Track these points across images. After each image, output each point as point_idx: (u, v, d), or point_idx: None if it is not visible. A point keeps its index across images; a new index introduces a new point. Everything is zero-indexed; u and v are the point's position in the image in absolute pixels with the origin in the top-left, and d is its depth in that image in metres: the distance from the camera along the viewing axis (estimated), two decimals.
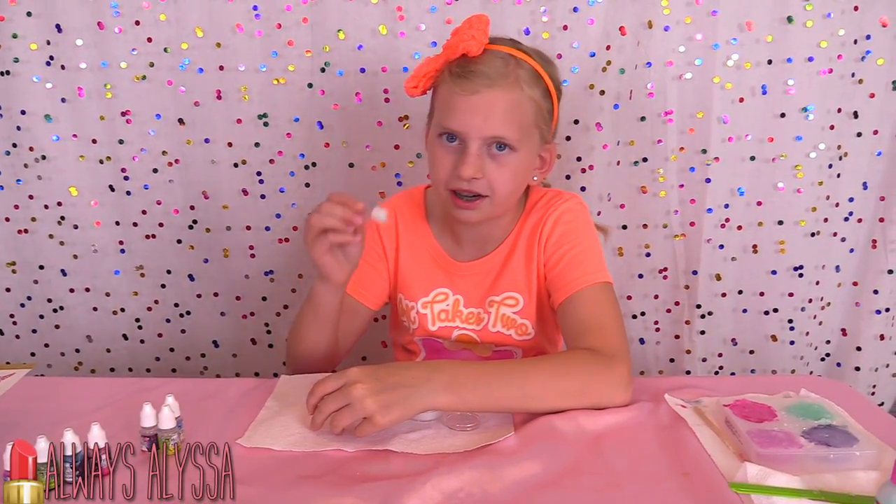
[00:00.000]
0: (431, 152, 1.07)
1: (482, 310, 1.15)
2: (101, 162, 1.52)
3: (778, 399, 0.98)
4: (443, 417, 0.95)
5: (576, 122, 1.47)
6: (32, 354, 1.67)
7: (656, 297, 1.59)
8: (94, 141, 1.51)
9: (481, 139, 1.00)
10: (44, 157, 1.51)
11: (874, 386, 1.63)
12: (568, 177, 1.50)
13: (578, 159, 1.48)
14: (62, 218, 1.56)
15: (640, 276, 1.58)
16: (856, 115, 1.47)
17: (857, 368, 1.61)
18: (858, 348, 1.60)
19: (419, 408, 0.87)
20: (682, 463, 0.83)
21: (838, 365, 1.64)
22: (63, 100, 1.48)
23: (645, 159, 1.50)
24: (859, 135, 1.48)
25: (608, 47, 1.43)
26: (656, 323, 1.61)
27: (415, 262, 1.18)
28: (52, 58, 1.46)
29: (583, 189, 1.50)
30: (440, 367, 0.90)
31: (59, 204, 1.55)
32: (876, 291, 1.56)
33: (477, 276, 1.15)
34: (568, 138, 1.48)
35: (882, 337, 1.59)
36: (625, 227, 1.55)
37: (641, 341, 1.62)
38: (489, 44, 1.02)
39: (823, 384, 1.06)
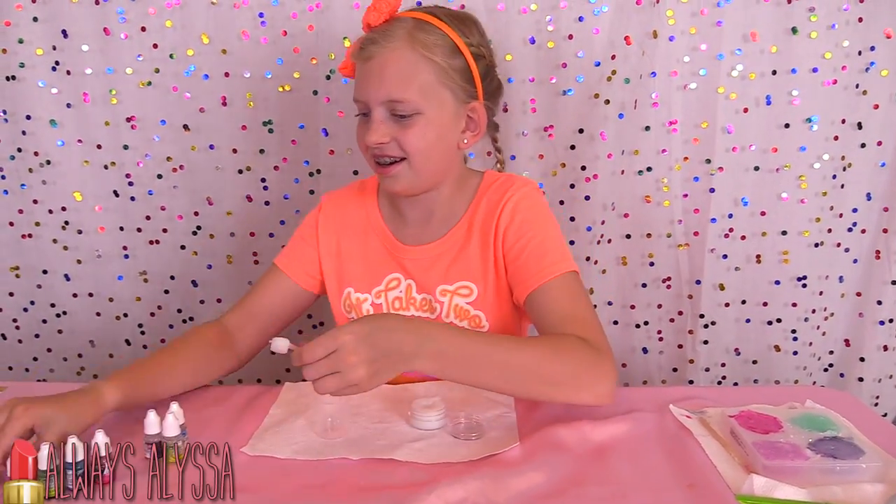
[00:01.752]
0: (357, 130, 1.08)
1: (434, 297, 1.11)
2: (106, 167, 1.52)
3: (783, 410, 0.98)
4: (447, 426, 0.95)
5: (580, 131, 1.47)
6: (35, 359, 1.66)
7: (660, 306, 1.59)
8: (98, 146, 1.51)
9: (381, 104, 1.01)
10: (48, 162, 1.51)
11: (877, 397, 1.62)
12: (572, 185, 1.50)
13: (583, 168, 1.48)
14: (66, 223, 1.56)
15: (644, 285, 1.57)
16: (860, 125, 1.46)
17: (861, 379, 1.60)
18: (862, 359, 1.59)
19: (401, 370, 0.84)
20: (688, 474, 0.83)
21: (841, 375, 1.63)
22: (68, 105, 1.48)
23: (649, 169, 1.49)
24: (863, 146, 1.48)
25: (613, 57, 1.43)
26: (659, 332, 1.61)
27: (364, 252, 1.16)
28: (57, 63, 1.46)
29: (587, 198, 1.50)
30: (432, 336, 0.87)
31: (64, 209, 1.55)
32: (880, 302, 1.56)
33: (427, 260, 1.12)
34: (572, 147, 1.48)
35: (885, 348, 1.58)
36: (628, 236, 1.55)
37: (644, 350, 1.62)
38: (398, 13, 1.04)
39: (828, 395, 1.06)
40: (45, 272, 1.59)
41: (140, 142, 1.51)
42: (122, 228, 1.57)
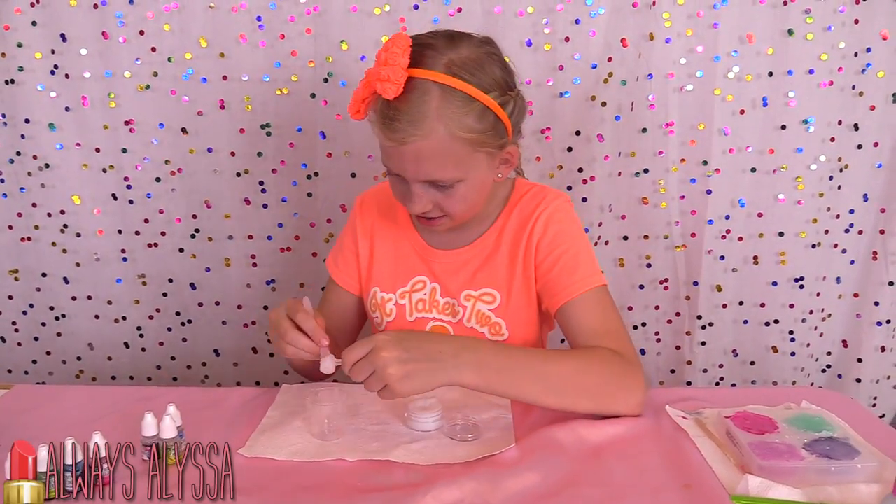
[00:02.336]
0: (389, 178, 1.05)
1: (457, 301, 1.12)
2: (105, 171, 1.53)
3: (779, 411, 0.98)
4: (444, 427, 0.95)
5: (577, 133, 1.47)
6: (34, 362, 1.67)
7: (657, 307, 1.59)
8: (97, 150, 1.51)
9: (419, 182, 0.99)
10: (47, 166, 1.52)
11: (875, 398, 1.62)
12: (569, 187, 1.50)
13: (580, 170, 1.49)
14: (65, 226, 1.56)
15: (641, 286, 1.58)
16: (856, 127, 1.47)
17: (858, 380, 1.60)
18: (859, 360, 1.60)
19: (443, 382, 0.87)
20: (684, 474, 0.83)
21: (839, 377, 1.63)
22: (67, 108, 1.49)
23: (646, 170, 1.50)
24: (860, 147, 1.49)
25: (610, 59, 1.43)
26: (657, 334, 1.61)
27: (394, 253, 1.16)
28: (56, 67, 1.47)
29: (584, 200, 1.50)
30: (468, 346, 0.91)
31: (62, 212, 1.55)
32: (877, 303, 1.56)
33: (455, 265, 1.12)
34: (569, 149, 1.48)
35: (883, 349, 1.58)
36: (626, 237, 1.55)
37: (642, 352, 1.62)
38: (412, 67, 0.92)
39: (825, 396, 1.06)
40: (44, 275, 1.60)
41: (138, 145, 1.51)
42: (120, 231, 1.57)
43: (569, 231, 1.08)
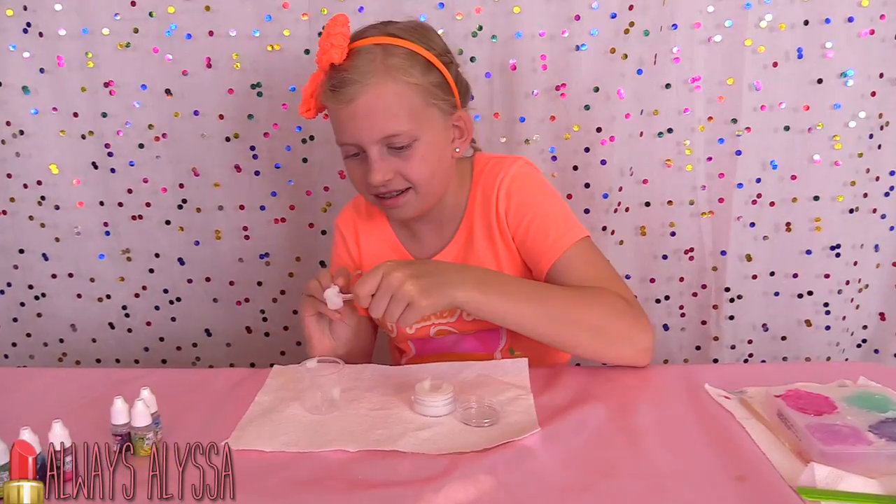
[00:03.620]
0: (346, 169, 1.05)
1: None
2: (83, 137, 1.44)
3: (833, 388, 0.88)
4: (456, 412, 0.84)
5: (596, 89, 1.36)
6: (14, 345, 1.58)
7: (682, 279, 1.49)
8: (75, 114, 1.43)
9: (375, 143, 0.97)
10: (22, 133, 1.44)
11: None
12: (587, 149, 1.39)
13: (598, 130, 1.38)
14: (42, 198, 1.48)
15: (665, 257, 1.47)
16: None
17: None
18: None
19: (450, 298, 0.88)
20: (735, 464, 0.73)
21: (876, 352, 1.53)
22: (42, 70, 1.41)
23: (670, 130, 1.40)
24: None
25: (631, 7, 1.32)
26: (681, 308, 1.51)
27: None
28: (29, 24, 1.38)
29: (603, 162, 1.39)
30: (470, 268, 0.96)
31: (39, 183, 1.47)
32: None
33: None
34: (587, 107, 1.37)
35: None
36: (648, 203, 1.44)
37: (665, 327, 1.51)
38: (354, 41, 0.98)
39: (880, 371, 0.95)
40: (21, 251, 1.52)
41: (119, 109, 1.43)
42: (102, 203, 1.49)
43: (532, 196, 1.06)
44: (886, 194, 1.43)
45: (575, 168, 1.40)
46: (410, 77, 0.96)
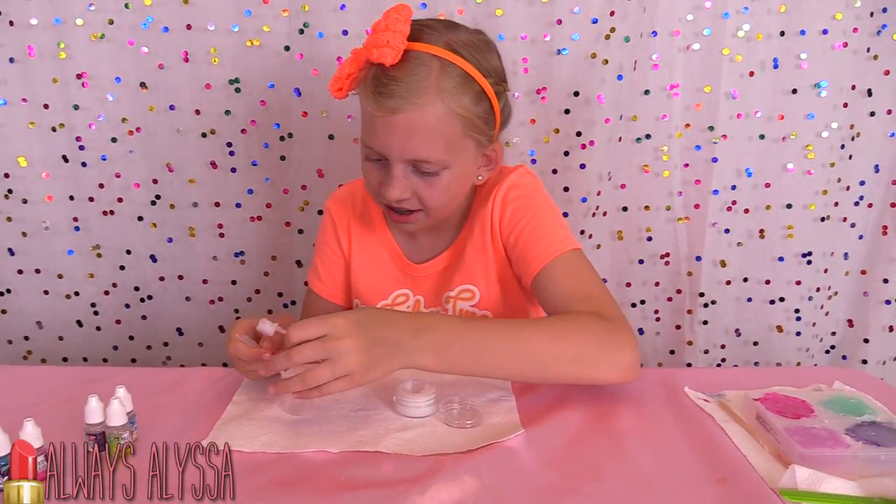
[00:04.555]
0: (362, 167, 0.99)
1: (440, 307, 1.08)
2: (54, 129, 1.40)
3: (809, 392, 0.89)
4: (439, 413, 0.84)
5: (576, 94, 1.36)
6: None
7: (657, 284, 1.50)
8: (45, 106, 1.39)
9: (403, 161, 0.92)
10: None
11: (881, 380, 1.54)
12: (566, 153, 1.40)
13: (578, 134, 1.38)
14: (9, 191, 1.43)
15: (641, 261, 1.49)
16: (870, 92, 1.40)
17: (864, 361, 1.53)
18: (866, 340, 1.52)
19: (399, 366, 0.78)
20: (717, 466, 0.73)
21: (844, 358, 1.56)
22: (11, 60, 1.36)
23: (648, 136, 1.41)
24: (872, 114, 1.41)
25: (612, 13, 1.33)
26: (656, 312, 1.52)
27: (372, 262, 1.10)
28: None
29: (582, 167, 1.40)
30: (428, 326, 0.82)
31: (7, 176, 1.42)
32: (886, 280, 1.49)
33: (435, 274, 1.08)
34: (567, 111, 1.37)
35: (891, 328, 1.51)
36: (625, 208, 1.45)
37: (640, 331, 1.53)
38: (413, 40, 0.89)
39: (853, 375, 0.97)
40: None
41: (92, 101, 1.39)
42: (72, 198, 1.45)
43: (526, 204, 1.02)
44: (856, 203, 1.46)
45: (554, 171, 1.41)
46: (459, 106, 0.90)
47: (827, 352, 1.57)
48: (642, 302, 1.51)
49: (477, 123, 0.93)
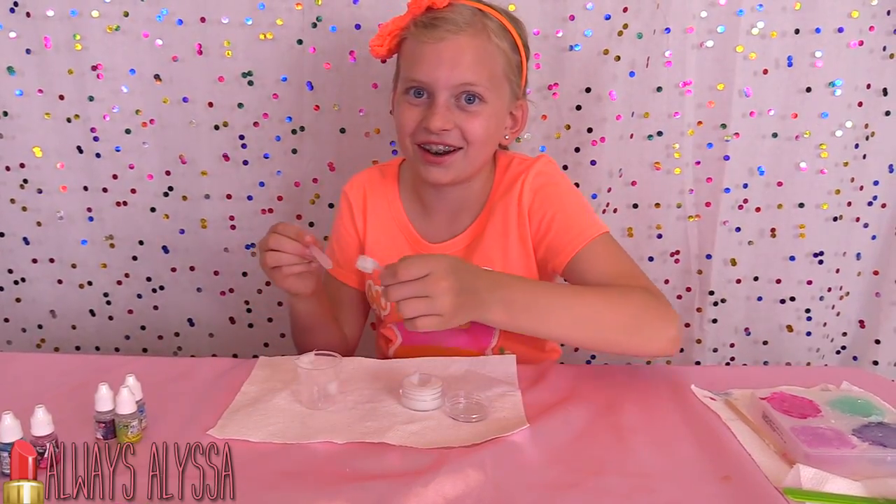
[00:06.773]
0: (398, 111, 1.03)
1: None
2: (69, 120, 1.41)
3: (817, 392, 0.89)
4: (445, 406, 0.84)
5: (587, 90, 1.36)
6: None
7: (667, 281, 1.49)
8: (61, 97, 1.40)
9: (450, 88, 0.97)
10: (6, 114, 1.40)
11: (893, 381, 1.53)
12: (577, 149, 1.39)
13: (589, 130, 1.38)
14: (25, 181, 1.44)
15: (651, 258, 1.48)
16: (885, 92, 1.37)
17: (875, 363, 1.52)
18: (877, 341, 1.51)
19: (473, 318, 0.86)
20: (721, 464, 0.73)
21: (854, 359, 1.55)
22: (28, 51, 1.37)
23: (660, 133, 1.40)
24: (888, 113, 1.39)
25: (625, 9, 1.32)
26: None
27: (386, 243, 1.12)
28: (16, 4, 1.34)
29: (593, 163, 1.39)
30: (503, 283, 0.89)
31: (22, 165, 1.43)
32: None
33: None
34: (578, 107, 1.37)
35: None
36: (636, 205, 1.44)
37: None
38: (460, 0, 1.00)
39: (861, 376, 0.97)
40: (1, 235, 1.48)
41: (107, 93, 1.39)
42: (86, 188, 1.45)
43: (556, 191, 1.06)
44: (870, 203, 1.45)
45: (565, 168, 1.40)
46: (501, 43, 0.99)
47: (838, 352, 1.56)
48: None
49: (514, 68, 1.01)
